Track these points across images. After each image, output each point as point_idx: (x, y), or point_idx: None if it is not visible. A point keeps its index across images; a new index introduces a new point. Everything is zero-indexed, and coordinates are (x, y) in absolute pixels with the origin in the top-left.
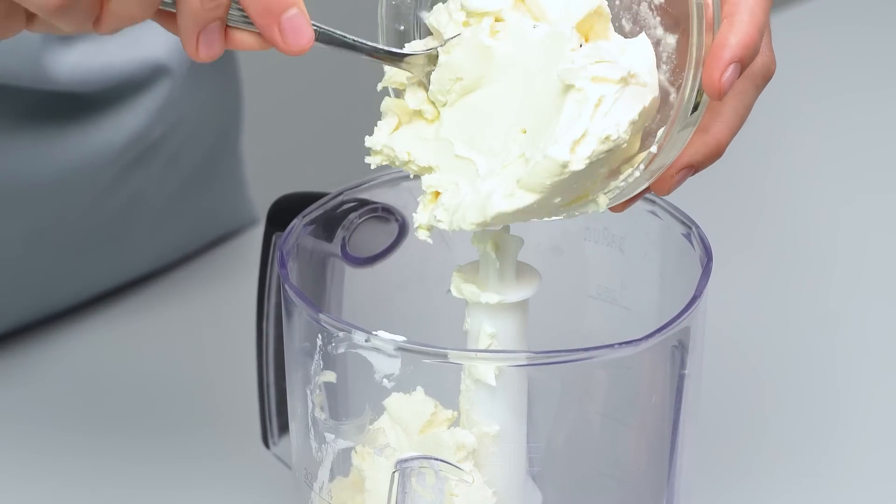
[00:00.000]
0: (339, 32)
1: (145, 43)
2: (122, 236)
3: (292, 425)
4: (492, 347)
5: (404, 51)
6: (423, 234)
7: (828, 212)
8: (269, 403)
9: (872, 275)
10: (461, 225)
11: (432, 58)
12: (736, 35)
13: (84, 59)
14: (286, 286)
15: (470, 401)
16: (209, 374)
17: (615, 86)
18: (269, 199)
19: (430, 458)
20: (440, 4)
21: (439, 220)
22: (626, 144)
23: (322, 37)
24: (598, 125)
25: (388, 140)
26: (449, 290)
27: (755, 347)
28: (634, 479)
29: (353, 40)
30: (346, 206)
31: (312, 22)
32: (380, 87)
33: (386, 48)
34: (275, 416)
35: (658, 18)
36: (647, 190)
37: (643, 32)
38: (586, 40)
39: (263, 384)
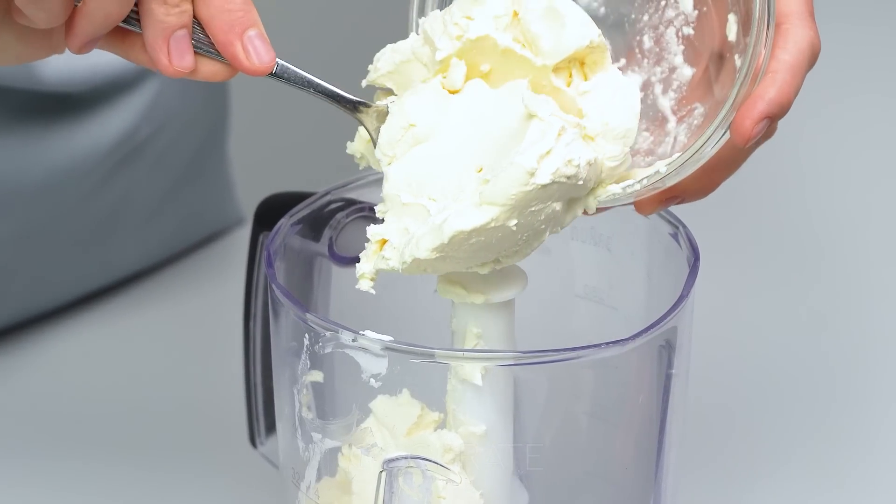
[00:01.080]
0: (297, 70)
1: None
2: (109, 236)
3: (279, 425)
4: (478, 347)
5: (357, 99)
6: (365, 285)
7: (815, 212)
8: (256, 403)
9: (860, 275)
10: (415, 254)
11: (382, 114)
12: (776, 91)
13: (71, 60)
14: (273, 286)
15: (456, 401)
16: (196, 374)
17: (574, 128)
18: (257, 199)
19: (418, 458)
20: (437, 11)
21: (387, 259)
22: (581, 182)
23: (280, 69)
24: (563, 149)
25: (364, 149)
26: (436, 290)
27: (742, 347)
28: (621, 478)
29: (310, 79)
30: (333, 206)
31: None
32: (364, 84)
33: (340, 93)
34: (262, 416)
35: (681, 47)
36: (675, 196)
37: (637, 76)
38: (582, 68)
39: (250, 384)
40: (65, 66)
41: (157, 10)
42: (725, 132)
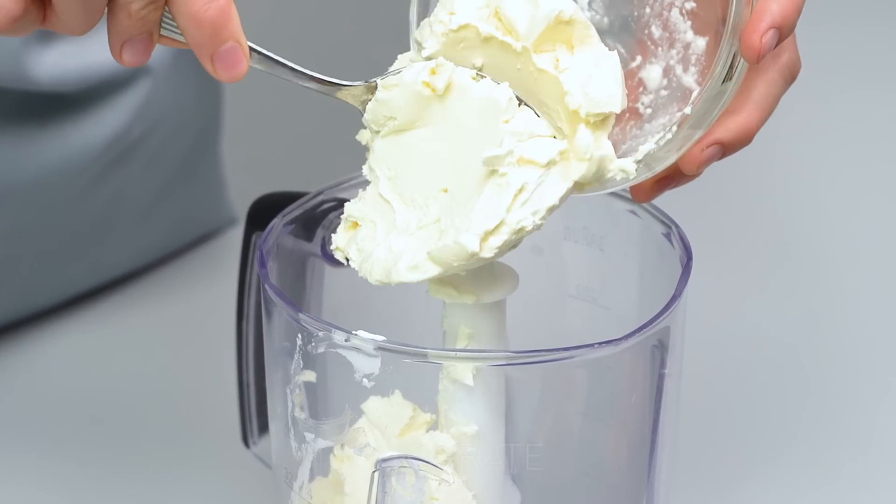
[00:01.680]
0: (277, 57)
1: None
2: (102, 236)
3: (272, 425)
4: (470, 347)
5: (340, 81)
6: (339, 255)
7: (808, 211)
8: (248, 403)
9: (854, 274)
10: (367, 277)
11: (370, 88)
12: (777, 4)
13: (64, 59)
14: (266, 286)
15: (448, 401)
16: (189, 374)
17: (540, 170)
18: (249, 199)
19: (410, 458)
20: (426, 20)
21: (352, 260)
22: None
23: (260, 60)
24: (515, 215)
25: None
26: (427, 291)
27: (735, 347)
28: (614, 478)
29: (292, 66)
30: (325, 206)
31: (252, 45)
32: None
33: (321, 76)
34: (255, 416)
35: (689, 23)
36: (675, 176)
37: (615, 52)
38: (570, 49)
39: (243, 384)
40: (57, 66)
41: (122, 19)
42: (737, 55)
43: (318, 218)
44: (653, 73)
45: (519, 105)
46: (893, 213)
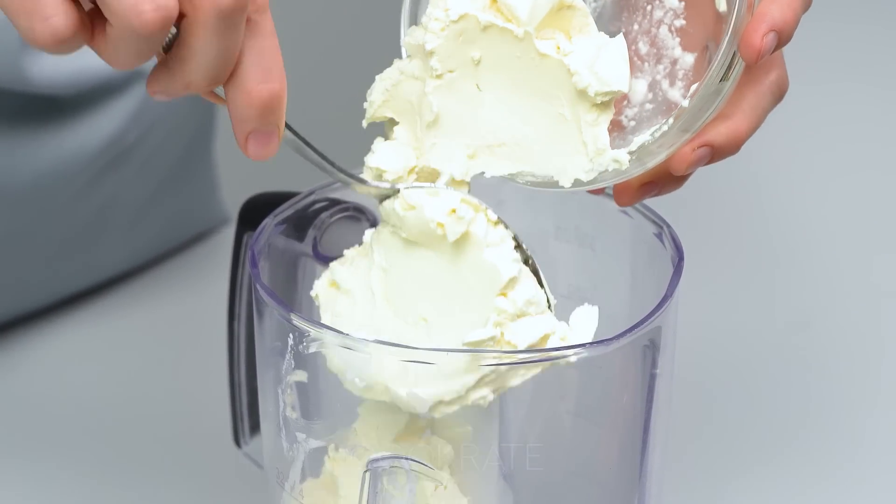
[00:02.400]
0: (309, 144)
1: None
2: (96, 238)
3: (263, 425)
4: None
5: (364, 179)
6: (316, 301)
7: (799, 211)
8: (240, 403)
9: (844, 274)
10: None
11: (393, 191)
12: (778, 9)
13: (60, 63)
14: (257, 286)
15: None
16: (181, 374)
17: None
18: (241, 199)
19: (402, 458)
20: (414, 26)
21: (323, 319)
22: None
23: (292, 143)
24: (476, 393)
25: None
26: None
27: (726, 347)
28: (606, 478)
29: (319, 153)
30: (317, 206)
31: (290, 126)
32: (365, 124)
33: (346, 170)
34: (246, 416)
35: (677, 39)
36: (660, 182)
37: (621, 34)
38: (568, 38)
39: (235, 384)
40: (53, 69)
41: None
42: (736, 55)
43: (310, 218)
44: (638, 88)
45: (524, 262)
46: (883, 214)
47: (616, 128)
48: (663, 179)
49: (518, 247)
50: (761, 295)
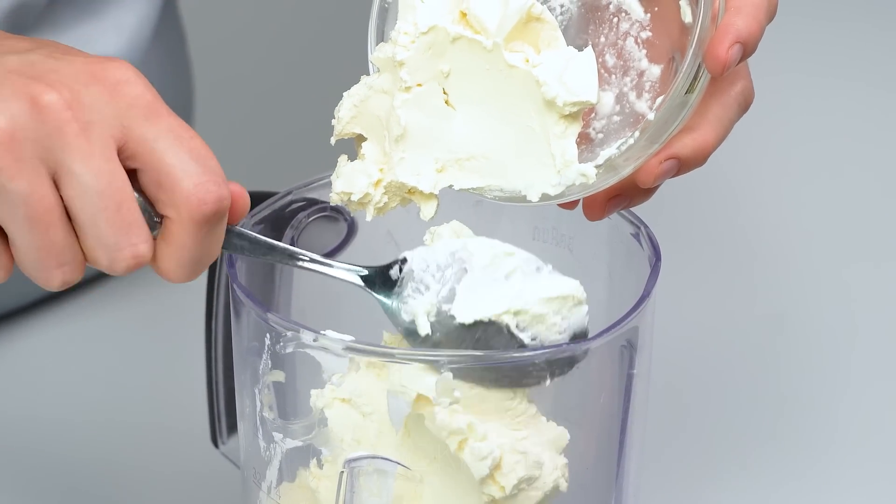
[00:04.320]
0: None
1: (95, 42)
2: None
3: (241, 425)
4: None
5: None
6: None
7: (776, 211)
8: (217, 403)
9: (820, 274)
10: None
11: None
12: (743, 20)
13: None
14: (234, 286)
15: None
16: (158, 373)
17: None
18: None
19: (378, 458)
20: (383, 42)
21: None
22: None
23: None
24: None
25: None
26: None
27: (703, 347)
28: (583, 478)
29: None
30: (294, 206)
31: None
32: (333, 141)
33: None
34: (223, 416)
35: (644, 51)
36: (628, 194)
37: (590, 47)
38: (537, 52)
39: (212, 383)
40: None
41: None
42: (701, 67)
43: (287, 218)
44: (605, 100)
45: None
46: (858, 214)
47: (584, 140)
48: (631, 192)
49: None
50: (738, 295)
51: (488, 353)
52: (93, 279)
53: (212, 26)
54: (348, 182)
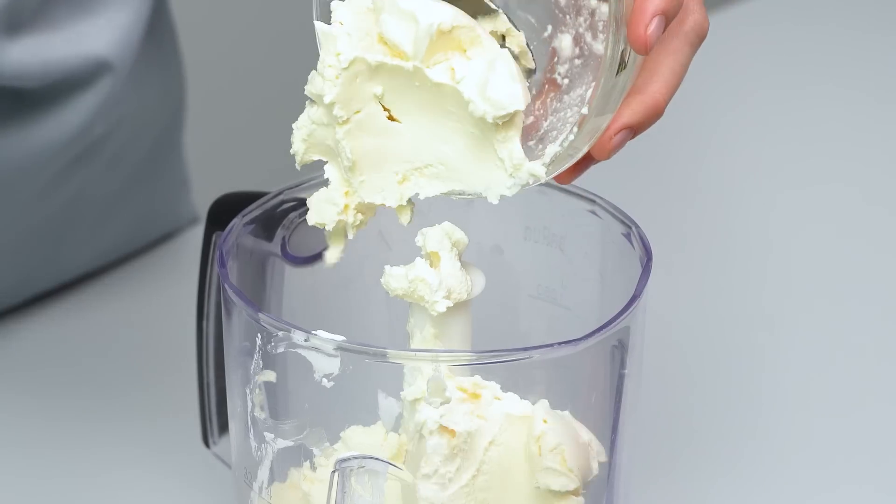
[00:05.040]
0: None
1: (88, 39)
2: (63, 234)
3: (232, 425)
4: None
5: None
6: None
7: (767, 212)
8: (209, 403)
9: (811, 275)
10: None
11: None
12: None
13: (26, 55)
14: (226, 285)
15: None
16: (149, 373)
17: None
18: (211, 198)
19: (369, 458)
20: (315, 72)
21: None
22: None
23: None
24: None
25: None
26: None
27: (694, 347)
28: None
29: None
30: (285, 206)
31: None
32: (298, 167)
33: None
34: (215, 416)
35: None
36: (590, 159)
37: (506, 50)
38: (463, 53)
39: (203, 383)
40: (19, 62)
41: None
42: (627, 49)
43: (279, 218)
44: (564, 43)
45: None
46: (850, 216)
47: (552, 86)
48: (591, 159)
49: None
50: (729, 295)
51: (484, 353)
52: (81, 279)
53: (205, 25)
54: (319, 214)
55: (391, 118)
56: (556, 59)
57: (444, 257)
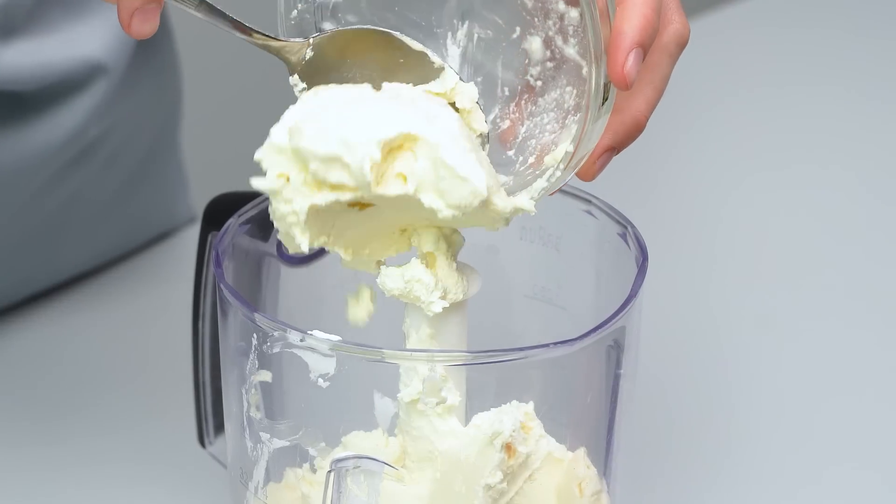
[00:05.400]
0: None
1: (83, 41)
2: (59, 235)
3: (228, 425)
4: (430, 348)
5: (280, 37)
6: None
7: (763, 212)
8: (204, 403)
9: (807, 275)
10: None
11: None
12: (629, 21)
13: (21, 58)
14: (221, 286)
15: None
16: (145, 373)
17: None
18: (207, 199)
19: (364, 458)
20: (276, 228)
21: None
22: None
23: (204, 8)
24: None
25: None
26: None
27: (690, 347)
28: None
29: (233, 18)
30: None
31: None
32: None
33: (260, 31)
34: (210, 416)
35: None
36: (611, 149)
37: (536, 37)
38: (410, 150)
39: (199, 383)
40: (15, 65)
41: None
42: (606, 83)
43: None
44: (535, 45)
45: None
46: (847, 215)
47: (527, 89)
48: (620, 140)
49: None
50: (725, 295)
51: (480, 354)
52: (78, 279)
53: (200, 26)
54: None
55: (364, 206)
56: (527, 61)
57: (440, 258)
